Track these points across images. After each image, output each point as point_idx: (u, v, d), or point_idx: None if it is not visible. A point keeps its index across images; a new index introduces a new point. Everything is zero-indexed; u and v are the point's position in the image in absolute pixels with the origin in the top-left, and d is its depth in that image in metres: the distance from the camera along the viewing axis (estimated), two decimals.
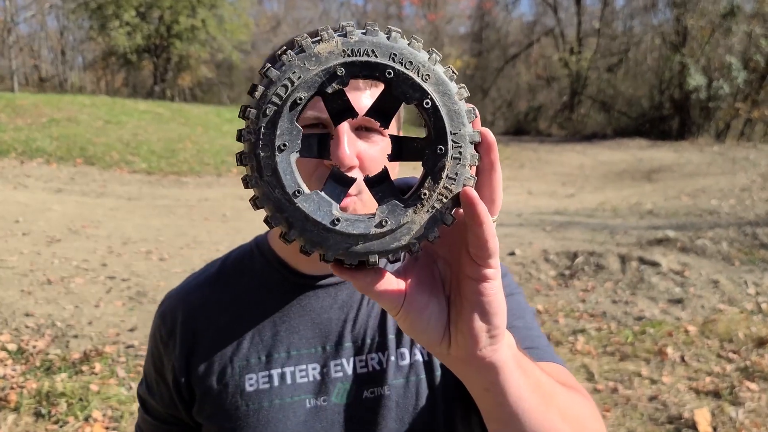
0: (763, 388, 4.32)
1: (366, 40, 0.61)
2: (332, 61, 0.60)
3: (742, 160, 17.61)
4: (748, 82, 24.73)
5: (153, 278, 6.37)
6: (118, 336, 4.97)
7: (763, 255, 7.50)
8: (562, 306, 5.96)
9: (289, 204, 0.61)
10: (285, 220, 0.62)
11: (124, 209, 9.90)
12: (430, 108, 0.62)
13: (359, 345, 1.13)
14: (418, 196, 0.63)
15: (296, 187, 0.61)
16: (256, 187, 0.62)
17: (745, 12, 25.24)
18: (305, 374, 1.10)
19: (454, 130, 0.63)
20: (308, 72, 0.60)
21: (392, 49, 0.61)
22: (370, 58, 0.61)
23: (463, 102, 0.64)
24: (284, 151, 0.61)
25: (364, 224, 0.62)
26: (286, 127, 0.61)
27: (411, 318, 0.69)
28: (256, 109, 0.61)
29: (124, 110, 19.51)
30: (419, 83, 0.61)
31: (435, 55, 0.63)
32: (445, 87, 0.63)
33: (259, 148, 0.61)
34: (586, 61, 31.58)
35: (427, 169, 0.63)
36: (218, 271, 1.22)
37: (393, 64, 0.61)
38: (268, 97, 0.61)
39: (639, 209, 11.43)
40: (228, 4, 32.69)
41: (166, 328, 1.18)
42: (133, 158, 14.14)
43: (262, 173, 0.61)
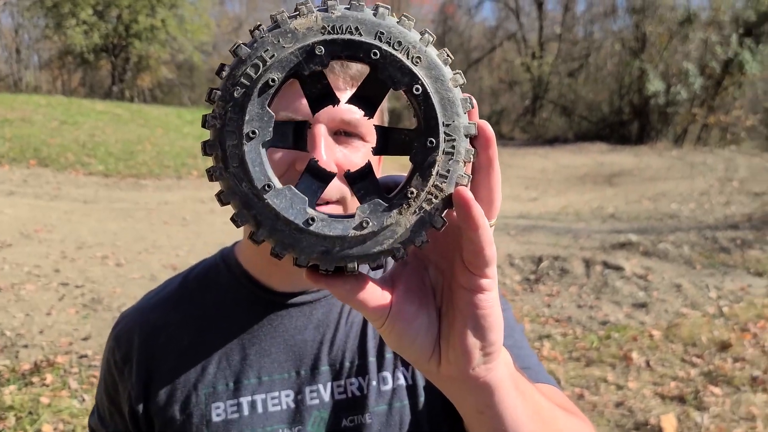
0: (726, 392, 4.35)
1: (349, 15, 0.53)
2: (310, 38, 0.53)
3: (700, 164, 18.00)
4: (705, 88, 25.37)
5: (109, 284, 6.18)
6: (70, 345, 4.79)
7: (723, 259, 7.63)
8: (528, 311, 5.94)
9: (257, 200, 0.54)
10: (253, 218, 0.55)
11: (79, 212, 9.63)
12: (421, 95, 0.54)
13: (337, 369, 1.03)
14: (405, 195, 0.55)
15: (266, 181, 0.53)
16: (221, 179, 0.54)
17: (701, 20, 25.90)
18: (278, 402, 1.00)
19: (447, 120, 0.55)
20: (283, 50, 0.52)
21: (379, 26, 0.53)
22: (353, 36, 0.53)
23: (458, 89, 0.56)
24: (253, 139, 0.53)
25: (343, 225, 0.55)
26: (256, 112, 0.53)
27: (397, 330, 0.62)
28: (222, 91, 0.53)
29: (80, 111, 19.07)
30: (409, 66, 0.53)
31: (428, 36, 0.55)
32: (438, 71, 0.55)
33: (225, 136, 0.53)
34: (548, 65, 32.06)
35: (415, 164, 0.56)
36: (180, 287, 1.11)
37: (379, 43, 0.53)
38: (236, 78, 0.52)
39: (601, 213, 11.57)
40: (189, 4, 32.31)
41: (121, 352, 1.06)
42: (90, 160, 13.80)
43: (227, 164, 0.53)
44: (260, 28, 0.54)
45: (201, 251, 7.35)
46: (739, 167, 16.83)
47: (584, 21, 33.96)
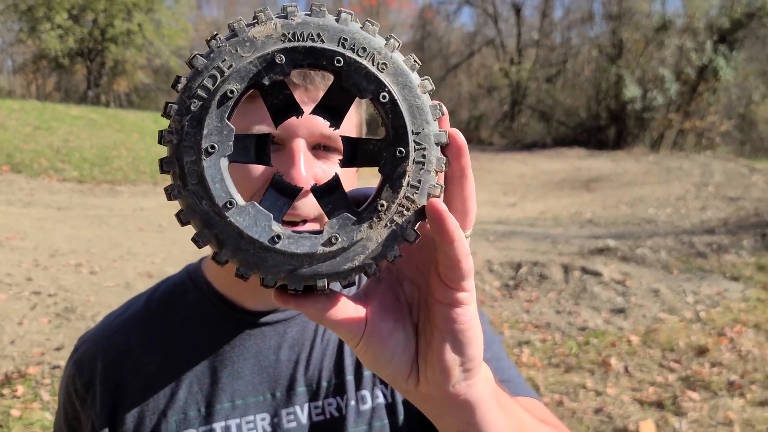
0: (704, 397, 4.37)
1: (310, 22, 0.51)
2: (270, 46, 0.50)
3: (676, 169, 18.22)
4: (680, 93, 25.75)
5: (83, 293, 6.08)
6: (43, 356, 4.68)
7: (699, 263, 7.70)
8: (507, 317, 5.94)
9: (219, 218, 0.51)
10: (215, 238, 0.52)
11: (52, 219, 9.49)
12: (388, 102, 0.52)
13: (314, 389, 0.99)
14: (375, 208, 0.53)
15: (227, 198, 0.51)
16: (180, 198, 0.52)
17: (676, 26, 26.30)
18: (253, 426, 0.96)
19: (416, 129, 0.53)
20: (241, 60, 0.50)
21: (342, 32, 0.51)
22: (315, 43, 0.50)
23: (427, 96, 0.53)
24: (213, 154, 0.50)
25: (310, 242, 0.53)
26: (215, 125, 0.50)
27: (373, 350, 0.60)
28: (178, 105, 0.50)
29: (55, 115, 18.83)
30: (374, 73, 0.51)
31: (393, 41, 0.53)
32: (405, 78, 0.52)
33: (183, 151, 0.50)
34: (526, 71, 32.33)
35: (384, 175, 0.53)
36: (144, 308, 1.05)
37: (343, 50, 0.51)
38: (192, 90, 0.50)
39: (579, 218, 11.65)
40: (166, 8, 32.11)
41: (82, 380, 1.00)
42: (64, 166, 13.64)
43: (186, 181, 0.51)
44: (217, 37, 0.51)
45: (177, 258, 7.26)
46: (715, 172, 17.05)
47: (562, 27, 34.36)
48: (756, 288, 6.77)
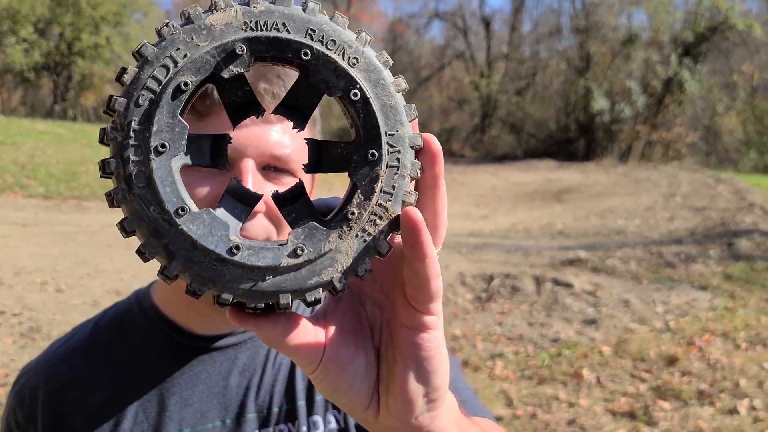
0: (675, 406, 4.41)
1: (275, 10, 0.46)
2: (229, 35, 0.45)
3: (645, 180, 18.47)
4: (647, 105, 26.20)
5: (48, 312, 5.97)
6: (7, 377, 4.57)
7: (668, 273, 7.80)
8: (480, 330, 5.94)
9: (169, 226, 0.45)
10: (164, 249, 0.46)
11: (17, 236, 9.30)
12: (360, 101, 0.47)
13: (264, 415, 0.95)
14: (345, 216, 0.48)
15: (179, 203, 0.45)
16: (123, 203, 0.46)
17: (642, 40, 26.81)
18: None
19: (389, 130, 0.48)
20: (197, 49, 0.45)
21: (310, 23, 0.46)
22: (280, 33, 0.46)
23: (401, 95, 0.49)
24: (163, 153, 0.44)
25: (273, 253, 0.47)
26: (166, 121, 0.44)
27: (331, 377, 0.55)
28: (125, 98, 0.44)
29: (20, 130, 18.54)
30: (345, 68, 0.47)
31: (365, 35, 0.48)
32: (378, 75, 0.48)
33: (128, 150, 0.44)
34: (496, 84, 32.63)
35: (355, 180, 0.48)
36: (90, 336, 1.01)
37: (311, 42, 0.46)
38: (141, 81, 0.44)
39: (550, 230, 11.73)
40: (134, 21, 31.89)
41: (23, 411, 0.95)
42: (30, 182, 13.41)
43: (131, 184, 0.45)
44: (170, 24, 0.46)
45: (146, 275, 7.15)
46: (682, 183, 17.33)
47: (530, 40, 34.78)
48: (723, 297, 6.87)
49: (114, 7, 30.17)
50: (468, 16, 37.66)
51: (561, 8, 33.89)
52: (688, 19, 26.34)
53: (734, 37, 25.42)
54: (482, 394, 4.61)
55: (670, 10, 26.42)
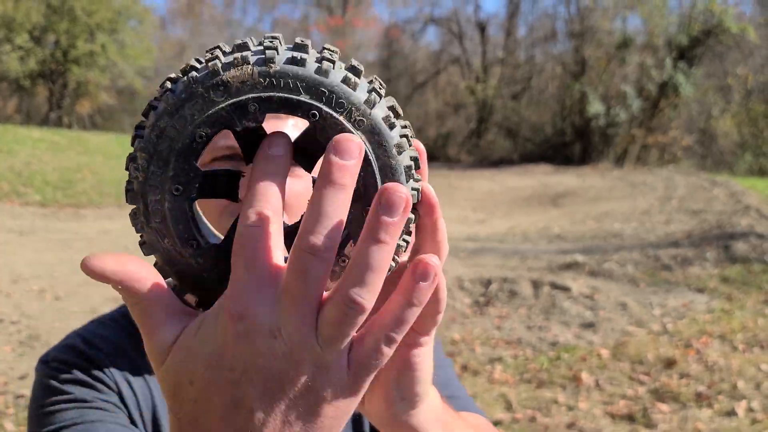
0: (673, 409, 4.43)
1: (289, 71, 0.48)
2: (244, 93, 0.48)
3: (641, 184, 18.54)
4: (643, 109, 26.32)
5: (47, 319, 6.00)
6: (6, 385, 4.62)
7: (665, 276, 7.84)
8: (479, 334, 5.96)
9: (179, 257, 0.50)
10: (177, 275, 0.51)
11: (14, 244, 9.33)
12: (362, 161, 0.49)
13: None
14: (338, 261, 0.51)
15: (189, 239, 0.49)
16: (143, 232, 0.51)
17: (637, 44, 26.94)
18: None
19: None
20: (214, 104, 0.48)
21: (321, 85, 0.49)
22: (291, 94, 0.48)
23: (405, 154, 0.52)
24: (177, 196, 0.48)
25: None
26: (182, 167, 0.48)
27: None
28: (146, 142, 0.48)
29: (16, 138, 18.54)
30: (349, 129, 0.49)
31: (374, 94, 0.51)
32: (381, 137, 0.50)
33: (147, 189, 0.48)
34: (492, 88, 32.74)
35: (350, 230, 0.51)
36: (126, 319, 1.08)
37: (320, 104, 0.49)
38: (160, 129, 0.48)
39: (547, 233, 11.77)
40: (129, 29, 31.86)
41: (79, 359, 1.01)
42: (26, 189, 13.43)
43: (149, 219, 0.49)
44: (191, 75, 0.49)
45: None
46: (678, 186, 17.39)
47: (526, 45, 34.88)
48: (720, 299, 6.91)
49: (109, 14, 30.14)
50: (463, 21, 37.80)
51: (556, 13, 33.94)
52: (683, 22, 26.48)
53: (728, 41, 25.57)
54: (481, 398, 4.63)
55: (665, 13, 26.57)
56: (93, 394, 0.99)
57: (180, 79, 0.49)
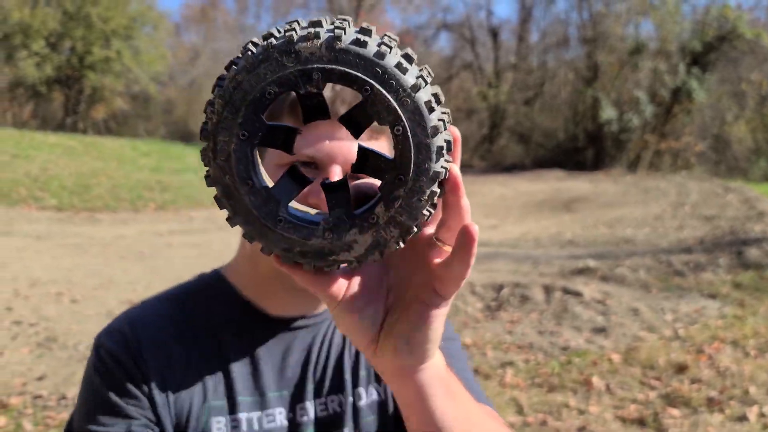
0: (684, 413, 4.43)
1: (352, 50, 0.57)
2: (311, 63, 0.56)
3: (654, 189, 18.45)
4: (656, 115, 26.17)
5: (64, 322, 6.04)
6: (24, 386, 4.64)
7: (677, 282, 7.81)
8: (490, 338, 5.98)
9: (236, 192, 0.59)
10: (230, 207, 0.61)
11: (32, 249, 9.41)
12: (401, 135, 0.58)
13: (319, 387, 1.12)
14: (368, 217, 0.60)
15: (246, 179, 0.58)
16: (209, 166, 0.60)
17: (650, 49, 26.81)
18: (273, 419, 1.07)
19: (419, 163, 0.59)
20: (284, 68, 0.56)
21: (377, 65, 0.57)
22: (350, 69, 0.56)
23: (440, 136, 0.59)
24: (243, 140, 0.57)
25: (307, 231, 0.60)
26: (250, 117, 0.57)
27: (344, 317, 0.70)
28: (224, 91, 0.57)
29: (32, 143, 18.69)
30: (395, 107, 0.57)
31: (421, 80, 0.59)
32: (421, 118, 0.58)
33: (219, 131, 0.58)
34: (504, 94, 32.69)
35: (383, 192, 0.60)
36: (173, 302, 1.13)
37: (373, 81, 0.57)
38: (237, 82, 0.57)
39: (559, 239, 11.75)
40: (144, 35, 32.08)
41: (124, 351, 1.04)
42: (43, 194, 13.51)
43: (216, 155, 0.58)
44: (270, 41, 0.57)
45: (158, 286, 7.21)
46: (691, 192, 17.30)
47: (538, 51, 34.76)
48: (733, 305, 6.89)
49: (124, 21, 30.40)
50: (476, 27, 37.75)
51: (568, 18, 33.80)
52: (696, 28, 26.34)
53: (742, 46, 25.40)
54: (493, 401, 4.63)
55: (678, 19, 26.43)
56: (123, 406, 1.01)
57: (260, 44, 0.58)
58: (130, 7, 31.28)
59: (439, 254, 0.68)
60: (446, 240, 0.67)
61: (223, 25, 45.36)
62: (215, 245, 10.17)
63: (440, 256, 0.68)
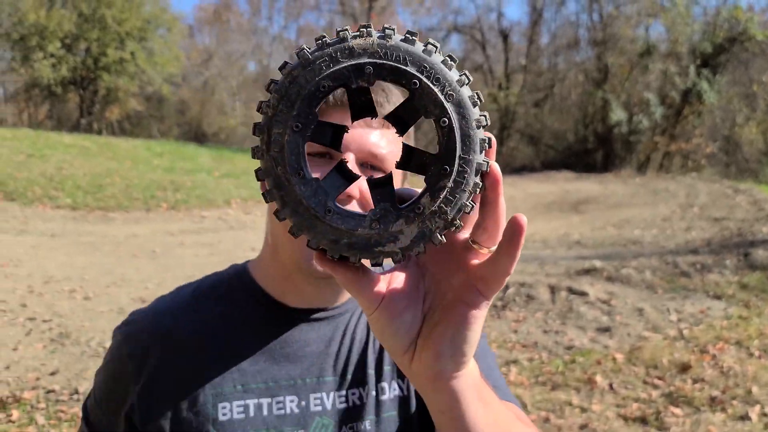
0: (686, 412, 4.46)
1: (401, 46, 0.61)
2: (364, 58, 0.61)
3: (663, 191, 18.38)
4: (666, 117, 26.02)
5: (77, 319, 6.12)
6: (38, 381, 4.74)
7: (683, 283, 7.82)
8: (496, 337, 6.03)
9: (287, 183, 0.61)
10: (280, 198, 0.62)
11: (46, 246, 9.51)
12: (446, 127, 0.61)
13: (340, 380, 1.12)
14: (414, 209, 0.63)
15: (298, 169, 0.61)
16: (261, 159, 0.63)
17: (660, 51, 26.67)
18: (283, 406, 1.08)
19: (463, 154, 0.62)
20: (338, 63, 0.60)
21: (425, 61, 0.61)
22: (400, 64, 0.61)
23: (480, 130, 0.63)
24: (296, 132, 0.61)
25: (354, 221, 0.62)
26: (304, 110, 0.61)
27: (382, 322, 0.69)
28: (280, 86, 0.61)
29: (48, 143, 18.85)
30: (441, 100, 0.61)
31: (464, 78, 0.63)
32: (465, 110, 0.62)
33: (273, 124, 0.61)
34: (514, 96, 32.58)
35: (428, 184, 0.63)
36: (192, 295, 1.18)
37: (421, 76, 0.61)
38: (294, 78, 0.61)
39: (567, 240, 11.75)
40: (158, 36, 32.23)
41: (130, 347, 1.12)
42: (57, 193, 13.61)
43: (269, 148, 0.61)
44: (324, 40, 0.62)
45: (170, 284, 7.31)
46: (700, 193, 17.23)
47: (548, 53, 34.63)
48: (738, 306, 6.91)
49: (138, 23, 30.54)
50: (486, 29, 37.67)
51: (579, 20, 33.71)
52: (707, 30, 26.16)
53: (754, 48, 25.22)
54: None
55: (689, 21, 26.25)
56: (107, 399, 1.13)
57: (315, 44, 0.62)
58: (144, 9, 31.42)
59: (476, 256, 0.68)
60: (483, 242, 0.67)
61: (236, 26, 45.50)
62: (226, 244, 10.25)
63: (478, 258, 0.68)
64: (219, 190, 15.93)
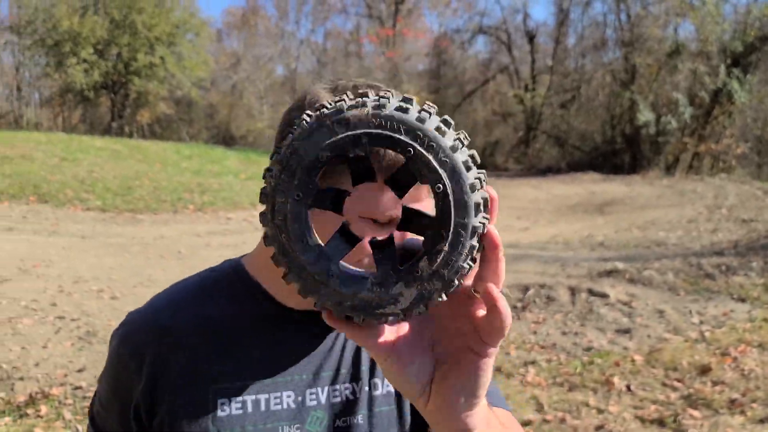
0: (705, 415, 4.43)
1: (395, 116, 0.63)
2: (360, 128, 0.63)
3: (690, 192, 18.12)
4: (695, 117, 25.63)
5: (104, 318, 6.26)
6: (65, 377, 4.86)
7: (707, 285, 7.73)
8: (514, 338, 6.04)
9: (291, 251, 0.64)
10: (285, 264, 0.66)
11: (76, 248, 9.72)
12: (441, 193, 0.63)
13: (334, 375, 1.15)
14: (412, 272, 0.65)
15: (301, 237, 0.64)
16: (266, 226, 0.66)
17: (689, 51, 26.28)
18: (280, 402, 1.10)
19: (459, 219, 0.64)
20: (336, 134, 0.63)
21: (418, 129, 0.63)
22: (394, 133, 0.63)
23: (477, 193, 0.65)
24: (298, 201, 0.64)
25: (356, 286, 0.65)
26: (304, 180, 0.64)
27: (393, 370, 0.72)
28: (282, 156, 0.65)
29: (80, 147, 19.23)
30: (435, 167, 0.63)
31: (458, 142, 0.65)
32: (459, 176, 0.64)
33: (276, 193, 0.64)
34: (540, 97, 32.37)
35: (425, 248, 0.65)
36: (192, 291, 1.19)
37: (415, 143, 0.63)
38: (294, 148, 0.64)
39: (590, 241, 11.65)
40: (187, 41, 32.63)
41: (129, 348, 1.13)
42: (88, 196, 13.87)
43: (273, 216, 0.65)
44: (322, 111, 0.65)
45: None
46: (729, 194, 16.95)
47: (575, 53, 34.24)
48: (763, 309, 6.80)
49: (168, 28, 30.99)
50: (512, 31, 37.48)
51: (606, 21, 33.28)
52: (737, 29, 25.66)
53: None
54: (513, 399, 4.72)
55: (718, 20, 25.77)
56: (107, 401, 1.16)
57: (314, 114, 0.66)
58: (173, 14, 31.89)
59: (479, 305, 0.70)
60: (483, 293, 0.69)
61: (264, 31, 45.86)
62: (250, 245, 10.18)
63: (481, 307, 0.70)
64: (245, 192, 16.10)
